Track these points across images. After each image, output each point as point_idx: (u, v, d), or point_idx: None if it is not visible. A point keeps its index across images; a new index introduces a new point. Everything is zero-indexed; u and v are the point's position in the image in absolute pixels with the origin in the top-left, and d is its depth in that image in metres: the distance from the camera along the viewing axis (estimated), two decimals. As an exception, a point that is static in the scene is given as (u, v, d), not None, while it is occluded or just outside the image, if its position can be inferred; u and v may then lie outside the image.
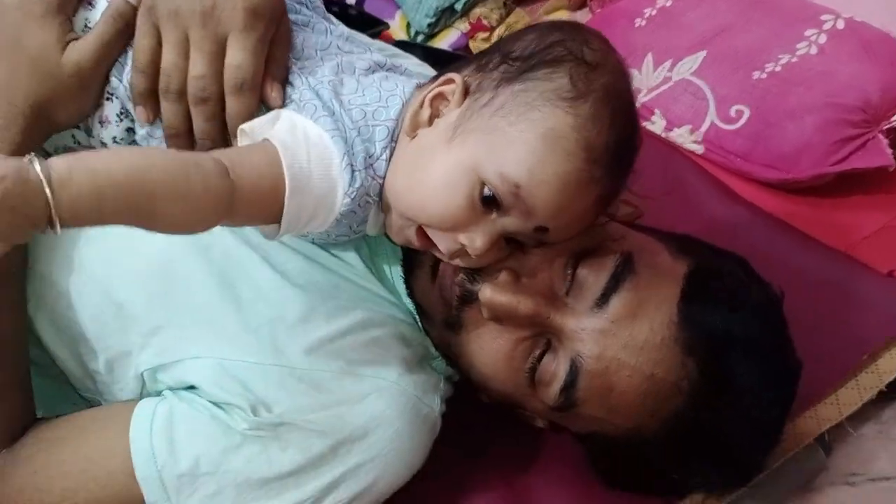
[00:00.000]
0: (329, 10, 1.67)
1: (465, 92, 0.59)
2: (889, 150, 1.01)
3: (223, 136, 0.62)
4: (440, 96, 0.60)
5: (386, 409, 0.64)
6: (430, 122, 0.59)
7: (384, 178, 0.59)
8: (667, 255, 0.66)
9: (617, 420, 0.63)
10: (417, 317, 0.70)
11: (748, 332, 0.62)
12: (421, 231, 0.59)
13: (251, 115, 0.60)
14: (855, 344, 0.85)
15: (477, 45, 1.40)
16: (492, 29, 1.41)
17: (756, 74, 1.09)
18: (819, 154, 1.01)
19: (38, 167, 0.45)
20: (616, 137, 0.56)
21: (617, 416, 0.63)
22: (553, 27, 0.60)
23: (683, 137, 1.13)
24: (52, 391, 0.69)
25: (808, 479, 0.78)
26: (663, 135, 1.15)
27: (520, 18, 1.42)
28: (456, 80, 0.59)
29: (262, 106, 0.62)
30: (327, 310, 0.65)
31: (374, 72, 0.63)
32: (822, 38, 1.09)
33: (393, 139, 0.59)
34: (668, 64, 1.17)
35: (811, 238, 0.99)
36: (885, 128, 1.02)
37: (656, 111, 1.16)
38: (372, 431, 0.63)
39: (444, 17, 1.42)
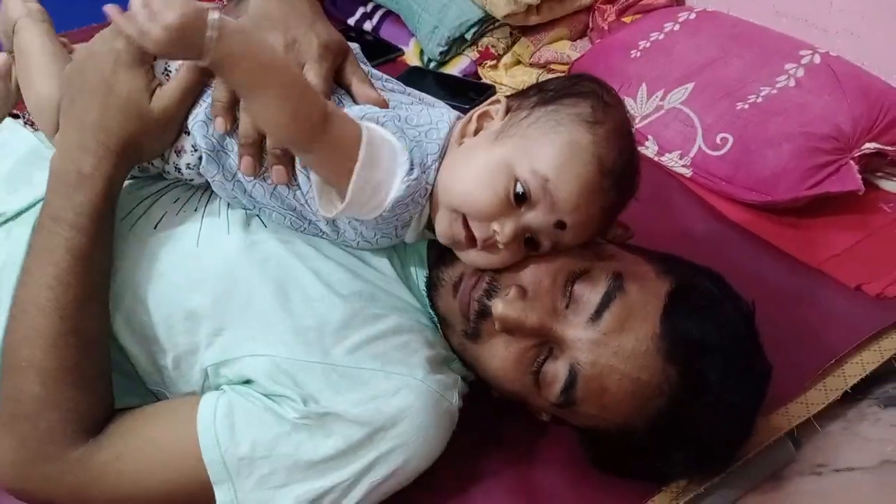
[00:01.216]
0: (347, 36, 1.78)
1: (507, 111, 0.70)
2: (859, 176, 1.08)
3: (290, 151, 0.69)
4: (486, 114, 0.71)
5: (414, 403, 0.70)
6: (476, 133, 0.70)
7: (433, 184, 0.69)
8: (652, 274, 0.74)
9: (609, 416, 0.70)
10: (439, 325, 0.78)
11: (721, 341, 0.69)
12: (465, 223, 0.68)
13: None
14: (824, 350, 0.91)
15: (485, 72, 1.48)
16: (499, 57, 1.49)
17: (739, 105, 1.17)
18: (795, 179, 1.09)
19: (214, 16, 0.57)
20: (622, 161, 0.67)
21: (609, 413, 0.70)
22: (580, 76, 0.73)
23: (673, 162, 1.21)
24: (121, 385, 0.75)
25: (779, 469, 0.84)
26: (655, 158, 1.23)
27: (524, 48, 1.49)
28: (501, 100, 0.71)
29: None
30: (365, 317, 0.73)
31: (416, 104, 0.74)
32: (800, 72, 1.17)
33: (442, 155, 0.69)
34: (660, 93, 1.26)
35: (787, 255, 1.06)
36: (856, 155, 1.10)
37: (649, 137, 1.25)
38: (401, 421, 0.70)
39: (455, 46, 1.50)
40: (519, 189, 0.66)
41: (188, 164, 0.75)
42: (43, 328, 0.68)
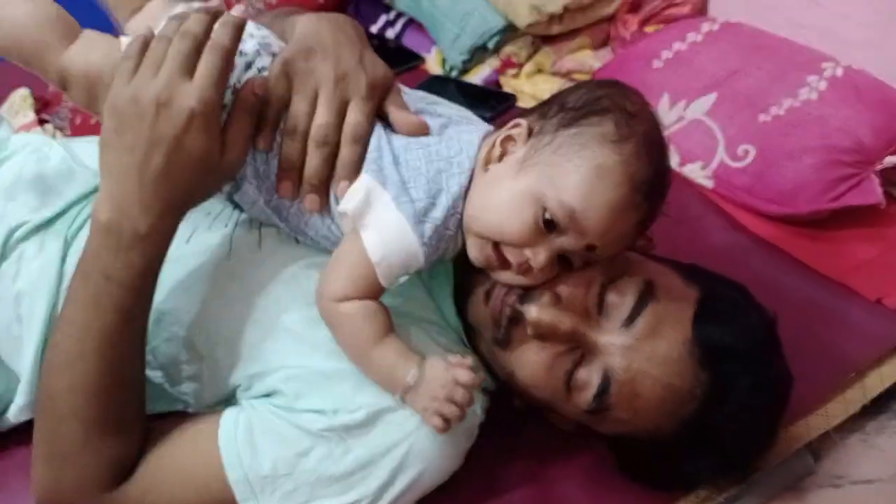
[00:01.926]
0: (369, 37, 1.78)
1: (529, 134, 0.69)
2: (880, 190, 1.09)
3: (328, 180, 0.69)
4: (509, 138, 0.69)
5: None
6: (500, 159, 0.69)
7: (461, 212, 0.69)
8: (679, 282, 0.75)
9: (639, 422, 0.71)
10: (464, 335, 0.78)
11: (749, 348, 0.71)
12: (496, 248, 0.68)
13: (358, 164, 0.68)
14: (844, 363, 0.92)
15: (507, 81, 1.49)
16: (520, 66, 1.49)
17: (762, 117, 1.17)
18: (816, 191, 1.09)
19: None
20: (654, 171, 0.66)
21: (640, 418, 0.71)
22: (600, 84, 0.71)
23: (695, 173, 1.21)
24: (149, 392, 0.75)
25: (798, 480, 0.85)
26: (677, 169, 1.23)
27: (546, 57, 1.50)
28: (522, 124, 0.69)
29: None
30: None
31: (448, 127, 0.73)
32: (823, 85, 1.17)
33: (469, 179, 0.69)
34: (682, 104, 1.26)
35: (808, 267, 1.06)
36: (877, 168, 1.10)
37: (671, 147, 1.24)
38: (426, 435, 0.70)
39: (477, 55, 1.50)
40: (547, 216, 0.65)
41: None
42: (87, 380, 0.68)
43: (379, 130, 0.71)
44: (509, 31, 1.50)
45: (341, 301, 0.67)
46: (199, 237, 0.78)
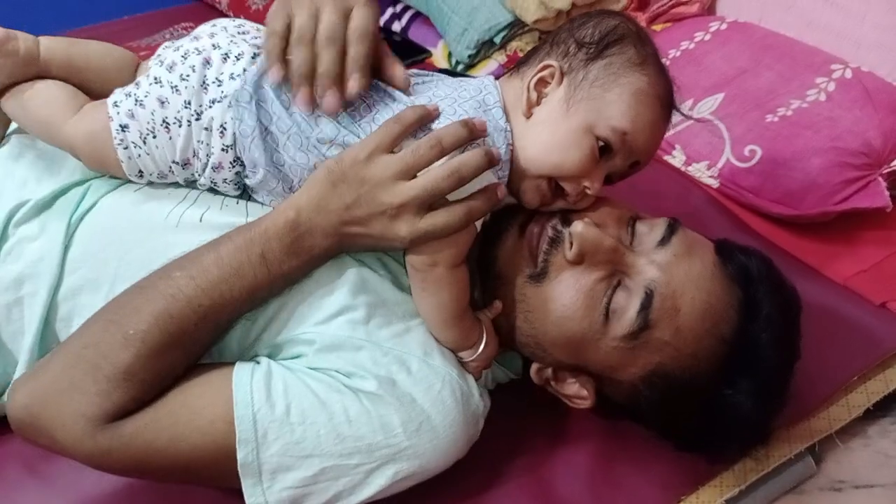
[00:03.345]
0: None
1: (561, 74, 0.73)
2: (887, 193, 1.08)
3: (340, 79, 0.71)
4: (542, 81, 0.73)
5: (448, 399, 0.72)
6: (539, 101, 0.73)
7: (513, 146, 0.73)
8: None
9: (680, 344, 0.72)
10: (483, 294, 0.79)
11: (766, 272, 0.75)
12: (550, 184, 0.74)
13: (367, 62, 0.71)
14: (848, 366, 0.91)
15: (512, 76, 1.50)
16: (527, 61, 1.51)
17: (769, 117, 1.17)
18: (823, 193, 1.09)
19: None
20: (669, 85, 0.75)
21: (681, 339, 0.72)
22: (601, 14, 0.76)
23: (701, 172, 1.21)
24: None
25: (799, 483, 0.85)
26: (683, 168, 1.23)
27: None
28: (553, 64, 0.73)
29: None
30: (403, 312, 0.75)
31: (443, 80, 0.77)
32: (832, 86, 1.17)
33: (506, 113, 0.73)
34: (689, 103, 1.25)
35: (813, 269, 1.06)
36: (885, 171, 1.09)
37: (677, 146, 1.25)
38: (435, 414, 0.71)
39: (484, 49, 1.50)
40: (601, 144, 0.71)
41: (225, 179, 0.77)
42: (171, 319, 0.68)
43: (396, 93, 0.75)
44: (516, 27, 1.50)
45: (458, 266, 0.72)
46: (210, 219, 0.77)
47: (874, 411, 0.90)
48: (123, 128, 0.75)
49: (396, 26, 1.69)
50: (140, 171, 0.77)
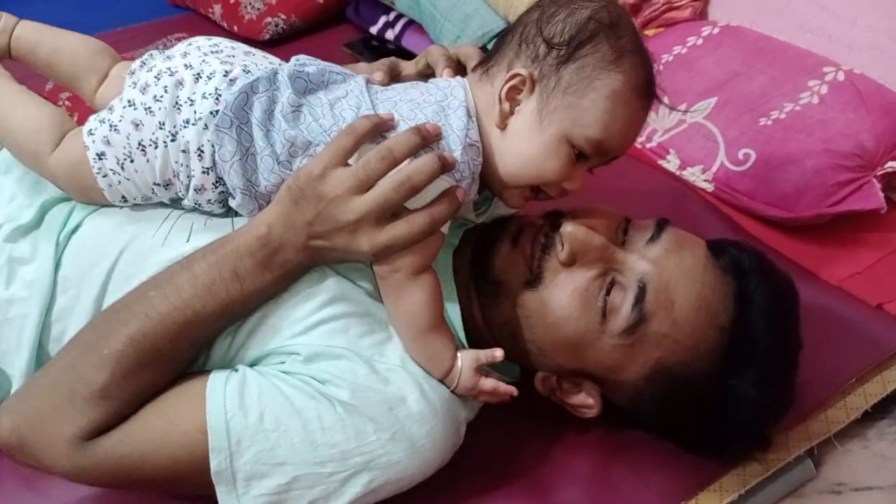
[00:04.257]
0: (369, 45, 1.78)
1: (532, 82, 0.70)
2: (881, 194, 1.08)
3: None
4: (513, 89, 0.71)
5: (426, 409, 0.71)
6: (512, 111, 0.72)
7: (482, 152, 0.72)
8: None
9: (679, 335, 0.72)
10: (465, 337, 0.78)
11: (758, 262, 0.76)
12: (533, 189, 0.74)
13: None
14: (845, 369, 0.91)
15: (506, 83, 1.49)
16: (520, 68, 1.51)
17: (762, 121, 1.17)
18: (817, 195, 1.09)
19: None
20: (648, 70, 0.71)
21: (679, 330, 0.72)
22: (569, 2, 0.71)
23: (695, 176, 1.21)
24: None
25: (799, 487, 0.85)
26: (677, 173, 1.23)
27: None
28: (523, 73, 0.70)
29: None
30: (383, 321, 0.75)
31: (415, 86, 0.76)
32: (824, 89, 1.17)
33: (470, 115, 0.71)
34: (682, 107, 1.26)
35: (808, 272, 1.06)
36: (879, 173, 1.10)
37: (671, 151, 1.25)
38: (412, 423, 0.71)
39: (477, 56, 1.51)
40: (577, 151, 0.71)
41: (209, 199, 0.77)
42: (146, 338, 0.68)
43: (364, 93, 0.73)
44: (509, 33, 1.50)
45: (420, 273, 0.71)
46: (197, 237, 0.77)
47: (872, 413, 0.90)
48: (100, 156, 0.75)
49: (390, 34, 1.69)
50: (123, 197, 0.78)
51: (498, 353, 0.72)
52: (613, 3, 0.72)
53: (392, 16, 1.72)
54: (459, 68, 0.80)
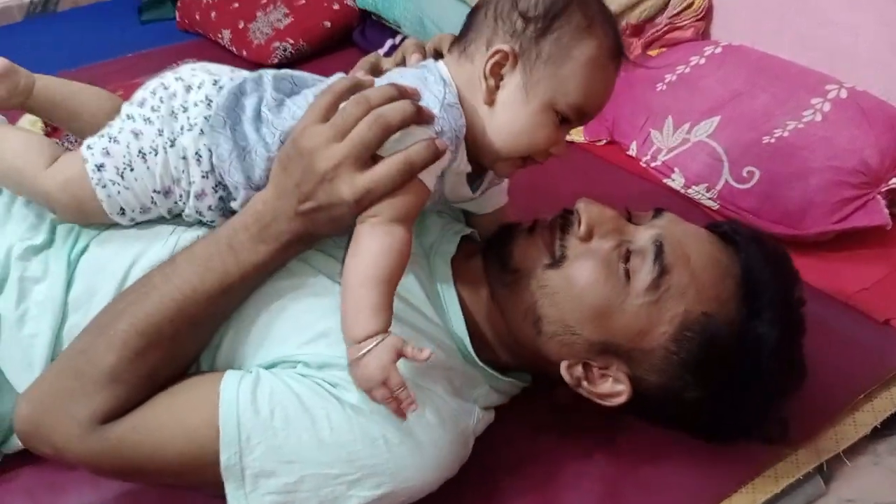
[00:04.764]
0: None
1: (514, 55, 0.72)
2: (886, 210, 1.09)
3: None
4: (496, 65, 0.72)
5: (432, 418, 0.72)
6: (497, 85, 0.73)
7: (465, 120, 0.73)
8: None
9: (699, 285, 0.75)
10: (501, 287, 0.80)
11: (753, 233, 0.82)
12: (521, 158, 0.76)
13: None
14: (853, 385, 0.91)
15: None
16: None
17: (766, 139, 1.18)
18: (822, 212, 1.10)
19: None
20: (617, 33, 0.74)
21: (698, 280, 0.75)
22: None
23: (700, 194, 1.22)
24: None
25: (809, 503, 0.84)
26: (682, 191, 1.24)
27: None
28: (505, 48, 0.71)
29: None
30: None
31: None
32: (827, 107, 1.18)
33: (447, 83, 0.73)
34: (686, 126, 1.27)
35: (815, 288, 1.03)
36: (883, 189, 1.10)
37: (676, 169, 1.26)
38: (418, 432, 0.71)
39: (482, 78, 1.53)
40: (561, 117, 0.73)
41: (209, 206, 0.78)
42: (150, 320, 0.70)
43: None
44: (514, 55, 1.51)
45: (399, 221, 0.70)
46: None
47: (882, 429, 0.90)
48: (99, 167, 0.77)
49: (396, 57, 1.72)
50: (122, 209, 0.79)
51: (425, 352, 0.67)
52: None
53: (398, 39, 1.74)
54: (438, 57, 0.81)
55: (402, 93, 0.70)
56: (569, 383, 0.79)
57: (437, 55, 0.80)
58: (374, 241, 0.69)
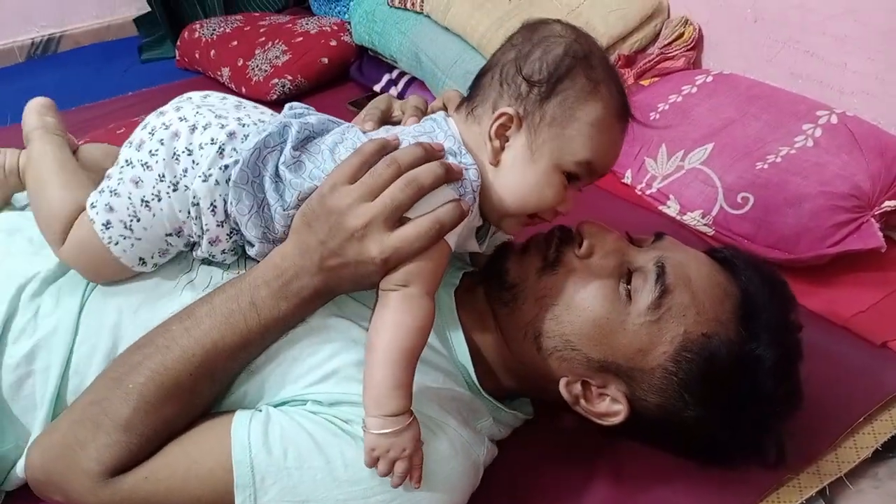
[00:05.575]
0: (373, 95, 1.83)
1: (518, 120, 0.73)
2: (880, 234, 1.10)
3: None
4: (502, 127, 0.73)
5: (447, 449, 0.73)
6: (502, 147, 0.74)
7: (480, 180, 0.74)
8: None
9: (700, 306, 0.76)
10: (501, 307, 0.82)
11: (748, 259, 0.83)
12: (530, 215, 0.77)
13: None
14: (853, 408, 0.91)
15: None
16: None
17: (759, 165, 1.19)
18: (817, 237, 1.11)
19: None
20: (622, 94, 0.75)
21: (699, 302, 0.76)
22: (543, 40, 0.73)
23: (696, 221, 1.23)
24: None
25: (813, 528, 0.85)
26: (678, 217, 1.25)
27: None
28: (509, 111, 0.73)
29: None
30: None
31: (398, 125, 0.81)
32: (818, 132, 1.20)
33: (459, 142, 0.74)
34: (680, 154, 1.29)
35: (812, 312, 1.06)
36: (876, 213, 1.12)
37: (671, 196, 1.27)
38: (431, 464, 0.71)
39: (478, 110, 1.54)
40: (568, 176, 0.75)
41: (223, 250, 0.79)
42: (168, 373, 0.71)
43: (360, 135, 0.77)
44: (509, 87, 1.53)
45: (430, 293, 0.71)
46: (217, 282, 0.79)
47: (883, 452, 0.90)
48: (106, 225, 0.76)
49: (393, 91, 1.74)
50: (140, 259, 0.79)
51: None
52: (582, 34, 0.75)
53: (395, 73, 1.77)
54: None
55: (428, 152, 0.71)
56: (567, 401, 0.80)
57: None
58: (407, 317, 0.69)
